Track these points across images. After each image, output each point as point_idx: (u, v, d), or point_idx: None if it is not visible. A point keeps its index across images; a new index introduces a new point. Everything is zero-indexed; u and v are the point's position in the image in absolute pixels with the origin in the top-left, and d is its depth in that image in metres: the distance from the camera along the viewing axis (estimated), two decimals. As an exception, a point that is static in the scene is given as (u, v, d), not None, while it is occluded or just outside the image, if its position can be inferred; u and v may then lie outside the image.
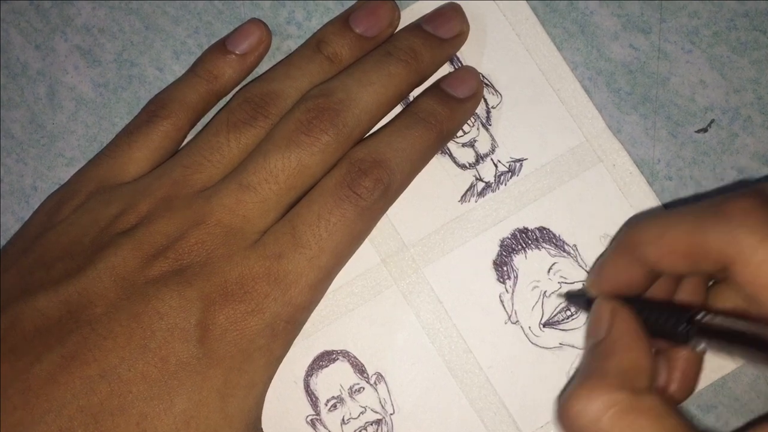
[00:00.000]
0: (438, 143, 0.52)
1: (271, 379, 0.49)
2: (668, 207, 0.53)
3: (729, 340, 0.41)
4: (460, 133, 0.54)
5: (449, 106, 0.52)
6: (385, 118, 0.52)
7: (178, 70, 0.56)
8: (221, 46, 0.54)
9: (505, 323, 0.53)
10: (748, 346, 0.40)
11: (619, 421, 0.39)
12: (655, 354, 0.44)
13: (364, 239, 0.51)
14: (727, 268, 0.41)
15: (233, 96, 0.52)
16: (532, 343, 0.53)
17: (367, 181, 0.48)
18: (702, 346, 0.42)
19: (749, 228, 0.40)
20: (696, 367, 0.49)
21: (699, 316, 0.43)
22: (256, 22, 0.54)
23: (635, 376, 0.41)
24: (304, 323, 0.49)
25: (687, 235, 0.42)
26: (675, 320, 0.43)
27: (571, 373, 0.52)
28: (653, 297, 0.48)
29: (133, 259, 0.46)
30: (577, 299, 0.52)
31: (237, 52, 0.53)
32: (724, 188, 0.53)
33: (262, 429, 0.49)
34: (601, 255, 0.53)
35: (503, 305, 0.53)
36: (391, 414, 0.52)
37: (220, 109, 0.52)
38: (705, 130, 0.54)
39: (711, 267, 0.42)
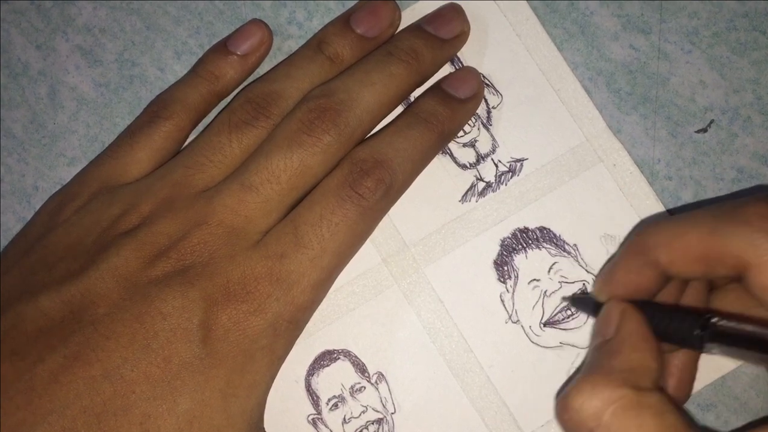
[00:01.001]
0: (439, 143, 0.51)
1: (274, 378, 0.48)
2: (669, 208, 0.53)
3: (741, 344, 0.40)
4: (460, 133, 0.54)
5: (450, 106, 0.51)
6: (386, 118, 0.52)
7: (180, 70, 0.55)
8: (222, 47, 0.53)
9: (506, 323, 0.53)
10: (760, 349, 0.39)
11: (621, 416, 0.39)
12: None
13: (366, 239, 0.50)
14: (742, 272, 0.41)
15: (235, 96, 0.52)
16: (532, 342, 0.52)
17: (369, 181, 0.48)
18: (715, 349, 0.42)
19: (766, 232, 0.40)
20: (692, 371, 0.49)
21: (714, 320, 0.42)
22: (257, 22, 0.54)
23: (641, 375, 0.41)
24: (306, 323, 0.49)
25: (703, 239, 0.42)
26: (688, 324, 0.43)
27: (572, 372, 0.52)
28: (660, 301, 0.47)
29: (135, 259, 0.46)
30: (582, 303, 0.51)
31: (238, 53, 0.53)
32: (724, 189, 0.53)
33: (264, 428, 0.49)
34: (609, 260, 0.52)
35: (504, 305, 0.53)
36: (392, 413, 0.52)
37: (222, 110, 0.52)
38: (705, 130, 0.53)
39: (726, 271, 0.42)
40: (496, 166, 0.54)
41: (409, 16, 0.54)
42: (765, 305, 0.41)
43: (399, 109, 0.53)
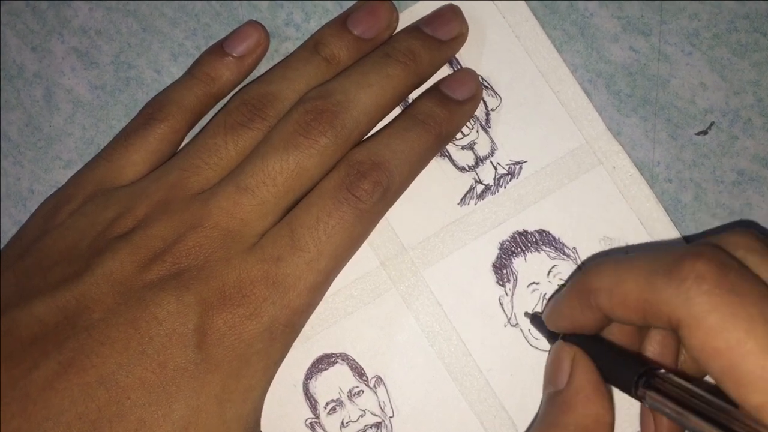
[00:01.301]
0: (437, 145, 0.51)
1: (270, 383, 0.48)
2: (666, 209, 0.52)
3: (679, 404, 0.39)
4: (459, 135, 0.53)
5: (448, 108, 0.51)
6: (383, 120, 0.51)
7: (176, 72, 0.55)
8: (219, 49, 0.53)
9: (505, 326, 0.52)
10: (696, 415, 0.39)
11: None
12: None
13: (362, 242, 0.50)
14: (676, 328, 0.39)
15: (230, 98, 0.51)
16: (531, 345, 0.52)
17: (366, 183, 0.47)
18: (655, 403, 0.41)
19: (701, 293, 0.38)
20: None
21: (660, 371, 0.41)
22: (253, 24, 0.53)
23: (596, 430, 0.41)
24: (302, 327, 0.48)
25: (639, 290, 0.40)
26: (628, 372, 0.42)
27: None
28: (607, 339, 0.46)
29: (130, 263, 0.45)
30: (540, 326, 0.50)
31: (234, 55, 0.52)
32: (725, 191, 0.53)
33: None
34: (556, 292, 0.52)
35: (503, 308, 0.52)
36: (391, 417, 0.51)
37: (218, 112, 0.51)
38: (705, 132, 0.53)
39: (661, 324, 0.40)
40: (495, 168, 0.53)
41: (406, 18, 0.54)
42: (699, 363, 0.39)
43: (397, 111, 0.53)
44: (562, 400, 0.43)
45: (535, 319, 0.51)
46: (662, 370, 0.41)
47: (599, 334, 0.46)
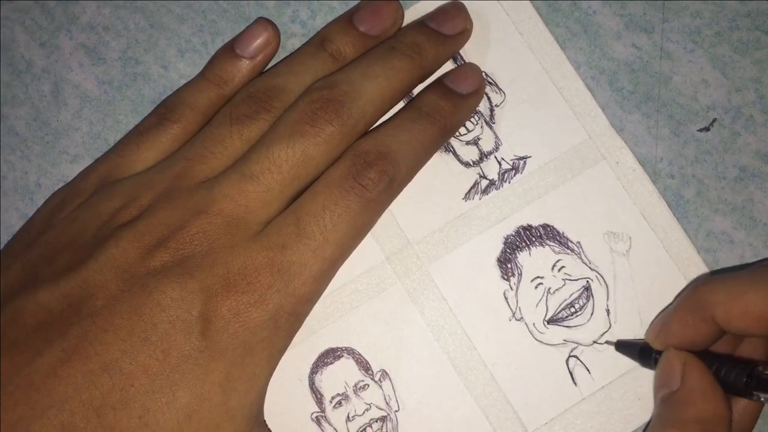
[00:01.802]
0: (441, 138, 0.50)
1: (273, 372, 0.47)
2: (672, 206, 0.52)
3: None
4: (463, 130, 0.53)
5: (452, 101, 0.50)
6: (388, 113, 0.51)
7: (183, 68, 0.55)
8: (230, 50, 0.52)
9: (510, 320, 0.51)
10: None
11: None
12: None
13: (367, 231, 0.49)
14: None
15: (237, 92, 0.51)
16: (536, 339, 0.51)
17: (373, 173, 0.47)
18: (763, 398, 0.42)
19: None
20: (753, 418, 0.48)
21: (759, 368, 0.42)
22: (263, 22, 0.53)
23: (715, 425, 0.41)
24: (306, 315, 0.48)
25: (762, 301, 0.42)
26: (737, 372, 0.43)
27: (574, 368, 0.51)
28: (712, 350, 0.47)
29: (133, 250, 0.45)
30: (629, 349, 0.50)
31: (246, 56, 0.52)
32: (727, 188, 0.52)
33: (265, 422, 0.48)
34: (665, 309, 0.51)
35: (507, 302, 0.52)
36: (396, 411, 0.51)
37: (224, 105, 0.51)
38: (707, 128, 0.53)
39: None
40: (500, 163, 0.53)
41: (411, 15, 0.53)
42: None
43: (400, 105, 0.52)
44: (678, 399, 0.43)
45: (621, 345, 0.51)
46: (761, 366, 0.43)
47: None
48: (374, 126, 0.50)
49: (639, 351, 0.49)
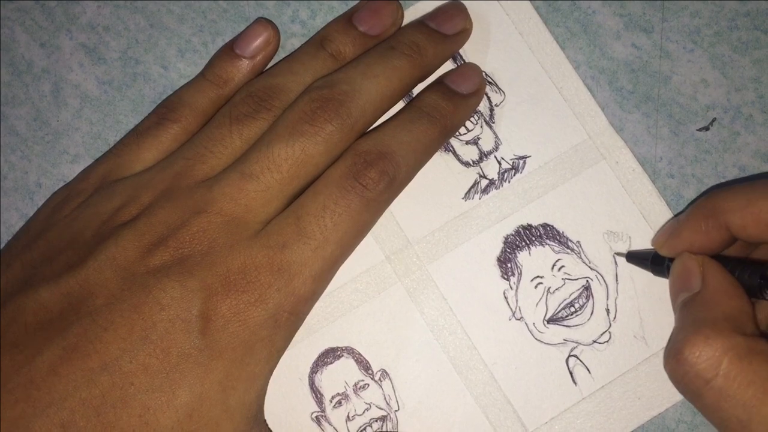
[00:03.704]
0: (442, 138, 0.50)
1: (272, 371, 0.46)
2: (667, 204, 0.52)
3: None
4: (463, 130, 0.53)
5: (453, 101, 0.50)
6: (387, 113, 0.51)
7: (183, 68, 0.54)
8: (230, 51, 0.52)
9: (510, 319, 0.51)
10: None
11: (738, 364, 0.39)
12: None
13: (368, 231, 0.49)
14: None
15: (237, 91, 0.51)
16: (536, 339, 0.51)
17: (373, 172, 0.46)
18: None
19: None
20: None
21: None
22: (263, 22, 0.53)
23: (743, 321, 0.41)
24: (306, 315, 0.47)
25: None
26: (749, 273, 0.44)
27: (574, 367, 0.51)
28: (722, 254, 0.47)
29: (133, 249, 0.44)
30: (641, 258, 0.50)
31: (246, 56, 0.52)
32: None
33: (265, 421, 0.47)
34: (673, 218, 0.51)
35: (507, 302, 0.51)
36: (396, 410, 0.50)
37: (224, 105, 0.50)
38: (707, 128, 0.52)
39: None
40: (499, 163, 0.52)
41: (411, 15, 0.53)
42: None
43: (400, 105, 0.52)
44: (702, 299, 0.43)
45: (632, 256, 0.51)
46: None
47: None
48: (374, 125, 0.50)
49: (651, 259, 0.49)
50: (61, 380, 0.41)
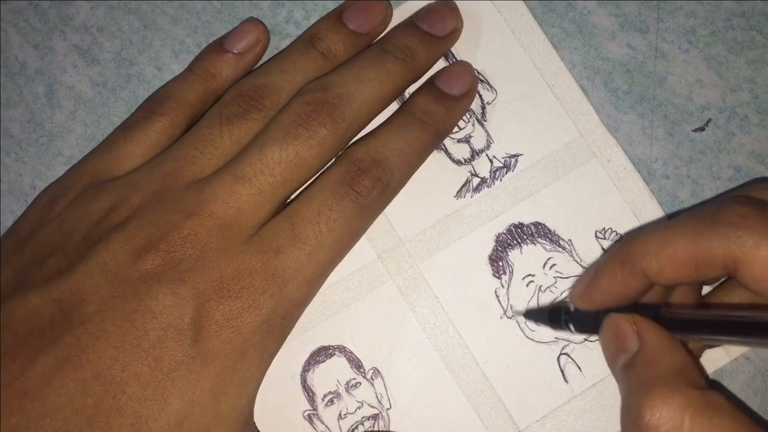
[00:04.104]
0: (434, 142, 0.50)
1: (264, 375, 0.47)
2: (665, 207, 0.52)
3: (688, 329, 0.42)
4: (455, 128, 0.53)
5: (445, 104, 0.50)
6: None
7: (177, 69, 0.54)
8: (219, 46, 0.52)
9: (501, 318, 0.51)
10: (713, 332, 0.41)
11: (699, 420, 0.38)
12: None
13: (360, 237, 0.49)
14: (732, 271, 0.40)
15: (227, 90, 0.51)
16: (527, 337, 0.51)
17: (367, 179, 0.46)
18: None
19: (750, 229, 0.40)
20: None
21: (664, 310, 0.43)
22: (254, 21, 0.52)
23: (692, 374, 0.40)
24: (298, 319, 0.48)
25: (690, 245, 0.41)
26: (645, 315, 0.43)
27: (565, 365, 0.51)
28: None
29: (124, 253, 0.44)
30: (538, 314, 0.50)
31: (234, 52, 0.51)
32: (722, 188, 0.52)
33: (254, 423, 0.48)
34: (586, 270, 0.51)
35: (499, 300, 0.51)
36: (388, 409, 0.51)
37: (214, 103, 0.50)
38: (702, 129, 0.52)
39: (715, 273, 0.41)
40: (491, 161, 0.52)
41: (401, 13, 0.53)
42: (762, 296, 0.41)
43: (394, 106, 0.52)
44: (644, 358, 0.42)
45: (530, 313, 0.51)
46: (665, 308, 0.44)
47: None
48: (367, 130, 0.50)
49: (549, 313, 0.48)
50: (54, 391, 0.42)
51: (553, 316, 0.48)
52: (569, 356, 0.50)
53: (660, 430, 0.38)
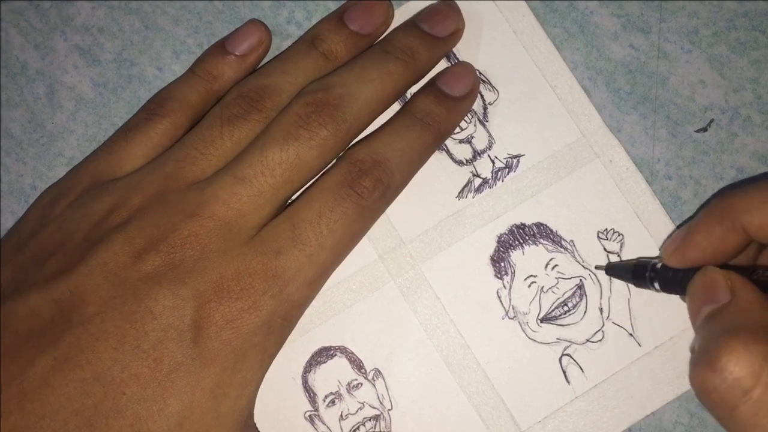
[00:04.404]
0: (436, 143, 0.50)
1: (264, 376, 0.47)
2: (665, 206, 0.51)
3: None
4: (457, 129, 0.52)
5: (446, 105, 0.50)
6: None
7: (178, 69, 0.54)
8: (221, 47, 0.52)
9: (503, 319, 0.51)
10: None
11: None
12: None
13: (361, 238, 0.49)
14: None
15: (228, 91, 0.50)
16: (529, 338, 0.51)
17: (368, 181, 0.46)
18: None
19: None
20: None
21: (759, 272, 0.43)
22: (255, 23, 0.52)
23: None
24: (298, 320, 0.47)
25: None
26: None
27: (567, 366, 0.50)
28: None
29: (124, 254, 0.44)
30: (621, 269, 0.50)
31: (236, 53, 0.51)
32: (723, 187, 0.52)
33: (254, 424, 0.48)
34: (681, 225, 0.51)
35: (500, 301, 0.51)
36: (389, 409, 0.51)
37: (215, 104, 0.50)
38: (704, 129, 0.52)
39: None
40: (493, 162, 0.52)
41: (403, 14, 0.53)
42: None
43: (395, 106, 0.52)
44: (734, 308, 0.41)
45: (611, 268, 0.50)
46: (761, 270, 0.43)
47: None
48: (369, 131, 0.50)
49: (633, 269, 0.48)
50: (53, 392, 0.42)
51: (637, 272, 0.48)
52: (571, 357, 0.50)
53: (734, 376, 0.37)
